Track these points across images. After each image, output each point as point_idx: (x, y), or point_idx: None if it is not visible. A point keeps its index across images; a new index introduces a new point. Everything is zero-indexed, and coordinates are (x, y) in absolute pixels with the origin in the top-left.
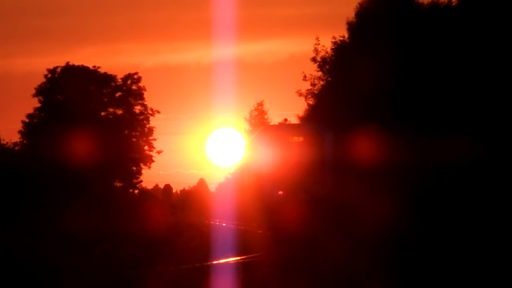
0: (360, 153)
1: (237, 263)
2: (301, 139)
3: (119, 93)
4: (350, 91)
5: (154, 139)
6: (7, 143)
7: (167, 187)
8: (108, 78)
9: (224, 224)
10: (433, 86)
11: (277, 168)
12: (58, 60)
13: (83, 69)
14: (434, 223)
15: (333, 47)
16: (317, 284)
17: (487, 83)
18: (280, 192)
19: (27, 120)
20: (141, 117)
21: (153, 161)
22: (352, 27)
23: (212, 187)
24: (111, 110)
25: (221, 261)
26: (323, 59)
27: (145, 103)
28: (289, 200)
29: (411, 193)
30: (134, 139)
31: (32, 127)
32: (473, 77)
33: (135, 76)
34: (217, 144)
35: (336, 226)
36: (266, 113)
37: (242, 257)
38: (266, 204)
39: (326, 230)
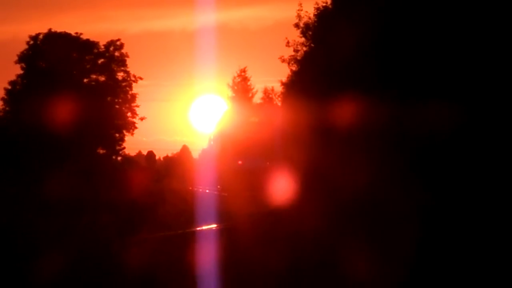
0: (340, 120)
1: (219, 230)
2: None
3: (102, 60)
4: (331, 57)
5: (137, 106)
6: None
7: (150, 154)
8: (90, 45)
9: (207, 191)
10: (414, 50)
11: None
12: (41, 27)
13: (65, 36)
14: (413, 191)
15: (315, 13)
16: (294, 248)
17: (469, 46)
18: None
19: (9, 87)
20: (124, 83)
21: (136, 128)
22: None
23: (195, 154)
24: (94, 76)
25: (204, 227)
26: (306, 25)
27: (128, 69)
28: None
29: (390, 160)
30: (117, 106)
31: (15, 94)
32: (455, 40)
33: (118, 43)
34: (200, 110)
35: (314, 192)
36: (249, 80)
37: (223, 224)
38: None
39: (304, 196)
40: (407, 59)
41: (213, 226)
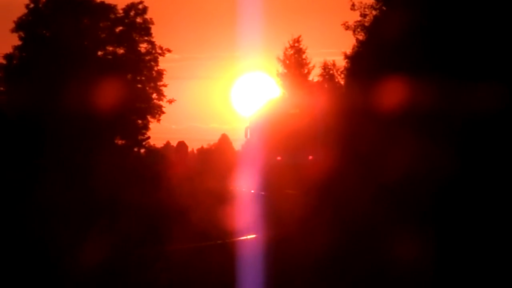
0: (388, 100)
1: (267, 241)
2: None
3: (120, 28)
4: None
5: (165, 85)
6: None
7: (181, 145)
8: (106, 9)
9: (252, 191)
10: (463, 28)
11: None
12: None
13: None
14: (461, 173)
15: None
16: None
17: None
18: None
19: (4, 62)
20: (148, 57)
21: (163, 112)
22: None
23: (237, 145)
24: (110, 48)
25: (248, 237)
26: None
27: (153, 40)
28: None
29: (437, 141)
30: (139, 85)
31: (11, 70)
32: (503, 21)
33: (140, 6)
34: (244, 91)
35: (357, 174)
36: (304, 52)
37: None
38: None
39: (348, 178)
40: (455, 40)
41: (257, 235)
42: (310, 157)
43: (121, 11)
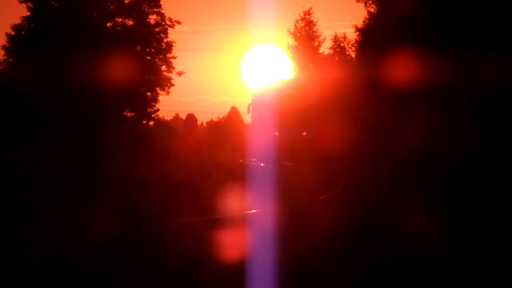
0: (400, 73)
1: (277, 212)
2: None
3: None
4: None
5: (174, 57)
6: None
7: (191, 118)
8: None
9: (262, 164)
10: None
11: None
12: None
13: None
14: (477, 147)
15: None
16: (351, 211)
17: None
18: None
19: (12, 33)
20: (157, 29)
21: (172, 84)
22: None
23: (246, 118)
24: (119, 20)
25: (257, 210)
26: None
27: (163, 11)
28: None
29: (451, 115)
30: (148, 57)
31: (19, 41)
32: None
33: None
34: (254, 64)
35: (371, 149)
36: (315, 25)
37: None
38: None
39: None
40: (469, 10)
41: (268, 208)
42: (304, 133)
43: None
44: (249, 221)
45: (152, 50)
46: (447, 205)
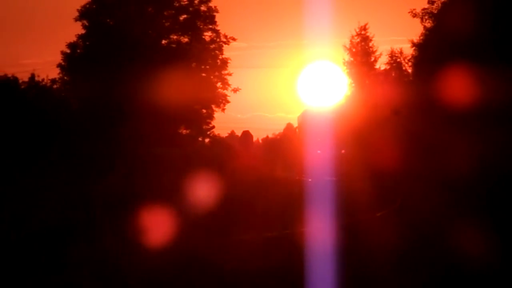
0: (456, 90)
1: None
2: None
3: (185, 16)
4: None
5: (229, 74)
6: (43, 80)
7: (247, 134)
8: None
9: (310, 180)
10: None
11: None
12: None
13: None
14: None
15: None
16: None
17: None
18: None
19: (68, 51)
20: (213, 46)
21: (228, 101)
22: None
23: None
24: (174, 37)
25: (317, 227)
26: None
27: (218, 28)
28: None
29: (509, 134)
30: (203, 74)
31: (75, 59)
32: None
33: None
34: (311, 80)
35: (426, 166)
36: (371, 40)
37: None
38: None
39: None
40: None
41: (327, 224)
42: (343, 151)
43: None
44: (308, 237)
45: (207, 67)
46: (504, 223)
